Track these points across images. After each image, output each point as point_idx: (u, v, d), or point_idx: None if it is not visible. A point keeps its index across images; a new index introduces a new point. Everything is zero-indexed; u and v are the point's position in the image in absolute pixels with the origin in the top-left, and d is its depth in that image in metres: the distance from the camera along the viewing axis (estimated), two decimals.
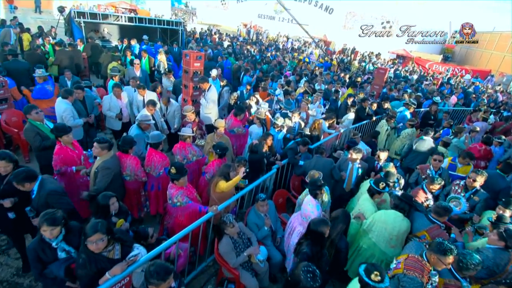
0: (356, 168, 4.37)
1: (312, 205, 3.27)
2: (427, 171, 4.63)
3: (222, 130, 4.52)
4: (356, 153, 4.24)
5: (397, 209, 3.35)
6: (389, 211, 3.35)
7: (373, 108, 7.50)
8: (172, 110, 5.63)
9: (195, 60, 5.20)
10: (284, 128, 5.32)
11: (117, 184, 3.53)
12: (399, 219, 3.23)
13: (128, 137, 3.73)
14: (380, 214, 3.33)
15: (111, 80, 6.36)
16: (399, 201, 3.37)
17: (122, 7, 24.04)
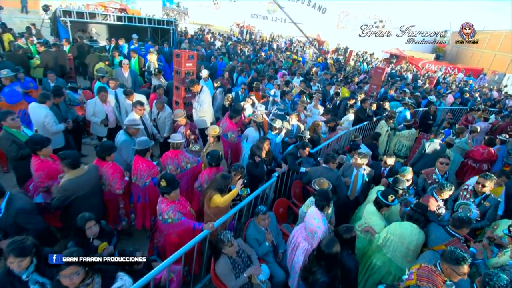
0: (361, 174, 4.10)
1: (317, 219, 2.97)
2: (433, 176, 4.37)
3: (211, 140, 4.19)
4: (362, 158, 3.95)
5: (411, 220, 3.08)
6: (404, 224, 3.08)
7: (373, 108, 7.25)
8: (163, 116, 5.27)
9: (186, 60, 4.86)
10: (283, 131, 5.02)
11: (93, 201, 3.15)
12: (416, 232, 2.96)
13: (107, 143, 3.38)
14: (395, 227, 3.05)
15: (97, 82, 5.95)
16: (413, 212, 3.10)
17: (112, 7, 23.49)
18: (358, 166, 4.04)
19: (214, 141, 4.20)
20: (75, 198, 3.00)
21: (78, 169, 3.05)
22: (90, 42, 11.65)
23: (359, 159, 3.96)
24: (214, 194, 3.15)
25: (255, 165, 3.89)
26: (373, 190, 4.00)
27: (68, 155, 3.02)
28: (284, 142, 5.18)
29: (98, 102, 4.89)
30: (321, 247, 2.43)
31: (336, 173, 3.85)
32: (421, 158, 5.93)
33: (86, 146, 6.02)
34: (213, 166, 3.68)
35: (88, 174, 3.13)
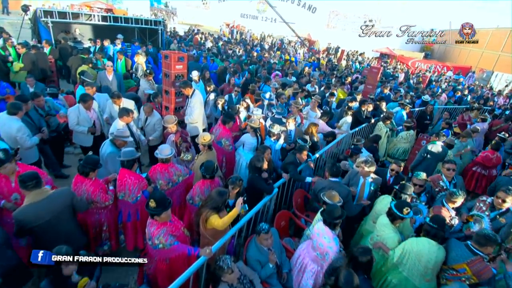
0: (368, 183, 3.83)
1: (328, 238, 2.67)
2: (440, 183, 4.13)
3: (202, 149, 3.85)
4: (369, 166, 3.67)
5: (429, 236, 2.82)
6: (421, 240, 2.81)
7: (370, 109, 7.03)
8: (152, 122, 4.89)
9: (176, 61, 4.50)
10: (282, 137, 4.71)
11: (64, 229, 2.70)
12: (434, 249, 2.69)
13: (92, 158, 3.00)
14: (411, 244, 2.78)
15: (80, 87, 5.51)
16: (431, 227, 2.84)
17: (98, 7, 22.78)
18: (365, 175, 3.76)
19: (205, 150, 3.86)
20: (39, 227, 2.56)
21: (38, 191, 2.58)
22: (74, 43, 11.13)
23: (366, 167, 3.68)
24: (210, 214, 2.82)
25: (262, 180, 3.55)
26: (381, 199, 3.73)
27: (26, 177, 2.54)
28: (283, 148, 4.88)
29: (82, 110, 4.46)
30: (339, 285, 2.10)
31: (346, 189, 3.53)
32: (422, 161, 5.73)
33: (69, 156, 5.59)
34: (207, 178, 3.34)
35: (49, 200, 2.63)
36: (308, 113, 6.41)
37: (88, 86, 5.05)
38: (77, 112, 4.44)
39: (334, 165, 3.61)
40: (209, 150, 3.88)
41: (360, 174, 3.83)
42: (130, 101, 5.04)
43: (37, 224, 2.53)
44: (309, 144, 4.41)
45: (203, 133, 3.84)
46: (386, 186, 4.30)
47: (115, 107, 4.88)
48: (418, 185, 3.80)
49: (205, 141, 3.80)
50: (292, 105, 5.61)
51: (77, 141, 4.67)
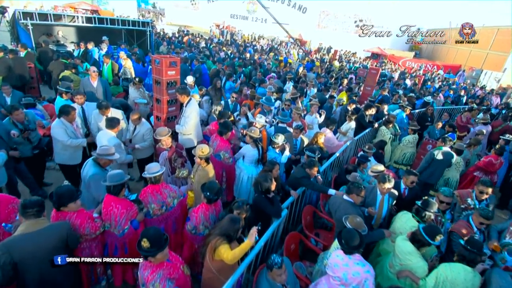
0: (387, 199, 3.47)
1: (361, 262, 2.35)
2: (468, 201, 3.78)
3: (199, 162, 3.43)
4: (390, 181, 3.31)
5: (464, 261, 2.49)
6: (455, 266, 2.49)
7: (372, 113, 6.72)
8: (141, 132, 4.43)
9: (168, 67, 4.05)
10: (287, 148, 4.32)
11: (54, 269, 2.27)
12: (470, 276, 2.38)
13: (65, 190, 2.51)
14: (445, 271, 2.45)
15: (58, 98, 4.97)
16: (466, 251, 2.50)
17: (83, 8, 21.96)
18: (385, 192, 3.39)
19: (203, 164, 3.43)
20: (24, 263, 2.17)
21: (34, 221, 2.26)
22: (56, 46, 10.49)
23: (387, 184, 3.30)
24: (220, 243, 2.39)
25: (268, 201, 3.12)
26: (400, 216, 3.36)
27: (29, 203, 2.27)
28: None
29: (67, 124, 3.97)
30: None
31: (359, 211, 3.13)
32: (428, 167, 5.44)
33: (50, 172, 5.05)
34: (211, 201, 2.92)
35: (44, 232, 2.26)
36: (313, 121, 6.02)
37: (79, 96, 4.55)
38: (63, 126, 3.92)
39: (352, 183, 3.20)
40: (207, 163, 3.45)
41: (378, 191, 3.46)
42: (117, 111, 4.56)
43: (24, 261, 2.17)
44: (318, 156, 4.03)
45: (201, 145, 3.41)
46: (401, 198, 3.96)
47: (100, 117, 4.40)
48: (445, 202, 3.44)
49: (203, 153, 3.37)
50: (293, 111, 5.22)
51: (61, 160, 4.11)
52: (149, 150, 4.75)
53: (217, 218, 3.00)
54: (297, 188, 3.75)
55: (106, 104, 4.29)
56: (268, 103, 5.43)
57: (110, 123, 3.74)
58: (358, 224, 2.74)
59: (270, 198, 3.11)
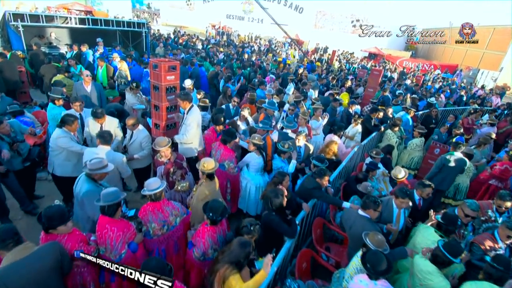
0: (403, 212, 3.24)
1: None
2: (489, 212, 3.56)
3: (201, 177, 3.16)
4: (409, 197, 3.09)
5: (491, 280, 2.28)
6: (482, 285, 2.28)
7: (379, 116, 6.50)
8: (138, 139, 4.15)
9: (167, 72, 3.78)
10: (294, 156, 4.07)
11: None
12: None
13: (54, 211, 2.23)
14: None
15: (51, 104, 4.68)
16: (493, 269, 2.29)
17: (76, 9, 21.55)
18: (403, 206, 3.16)
19: (205, 179, 3.17)
20: None
21: (19, 248, 2.02)
22: (49, 49, 10.14)
23: (407, 199, 3.08)
24: (230, 273, 2.12)
25: (281, 220, 2.84)
26: (421, 230, 3.12)
27: (4, 233, 2.06)
28: None
29: (70, 133, 3.68)
30: None
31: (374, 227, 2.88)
32: (438, 173, 5.24)
33: (42, 184, 4.74)
34: (216, 223, 2.66)
35: (33, 259, 2.01)
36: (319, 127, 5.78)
37: (77, 102, 4.29)
38: (68, 134, 3.65)
39: (368, 197, 2.96)
40: (209, 180, 3.17)
41: (394, 204, 3.23)
42: (113, 120, 4.28)
43: None
44: (325, 165, 3.79)
45: (205, 159, 3.14)
46: (416, 210, 3.73)
47: (96, 126, 4.12)
48: (470, 216, 3.22)
49: (207, 169, 3.09)
50: (300, 116, 4.97)
51: (64, 172, 3.79)
52: (147, 160, 4.46)
53: (224, 239, 2.75)
54: (308, 199, 3.51)
55: (102, 112, 4.01)
56: (271, 107, 5.18)
57: (103, 138, 3.43)
58: (379, 243, 2.51)
59: (283, 216, 2.85)
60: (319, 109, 5.71)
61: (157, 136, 4.13)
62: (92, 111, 4.00)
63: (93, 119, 4.07)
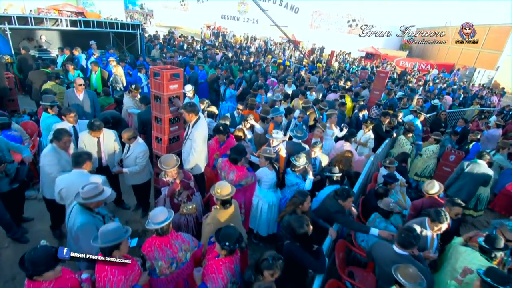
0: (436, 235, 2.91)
1: None
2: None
3: (219, 208, 2.77)
4: (447, 221, 2.75)
5: None
6: None
7: (394, 123, 6.18)
8: (135, 152, 3.76)
9: (169, 80, 3.39)
10: (310, 172, 3.71)
11: None
12: None
13: (37, 256, 1.85)
14: None
15: (44, 114, 4.27)
16: None
17: (67, 10, 20.96)
18: (439, 232, 2.82)
19: (220, 207, 2.78)
20: None
21: None
22: (39, 52, 9.65)
23: (445, 224, 2.74)
24: None
25: (306, 252, 2.46)
26: (463, 254, 2.76)
27: None
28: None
29: (61, 151, 3.28)
30: None
31: (425, 270, 2.49)
32: (457, 179, 4.95)
33: (30, 204, 4.29)
34: (232, 252, 2.29)
35: None
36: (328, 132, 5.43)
37: (71, 114, 3.89)
38: (57, 155, 3.23)
39: (406, 231, 2.53)
40: (223, 208, 2.76)
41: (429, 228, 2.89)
42: (110, 133, 3.88)
43: None
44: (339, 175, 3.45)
45: (220, 184, 2.74)
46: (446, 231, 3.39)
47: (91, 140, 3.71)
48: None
49: (221, 195, 2.68)
50: (318, 127, 4.61)
51: (50, 194, 3.34)
52: (145, 175, 4.07)
53: (240, 273, 2.39)
54: (329, 221, 3.15)
55: (99, 125, 3.61)
56: (277, 113, 4.80)
57: (76, 160, 2.95)
58: (413, 277, 2.15)
59: (308, 247, 2.49)
60: (334, 115, 5.35)
61: (159, 151, 3.76)
62: (89, 123, 3.59)
63: (88, 133, 3.66)
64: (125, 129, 3.81)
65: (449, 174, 6.09)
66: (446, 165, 6.08)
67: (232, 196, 2.72)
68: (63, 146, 3.28)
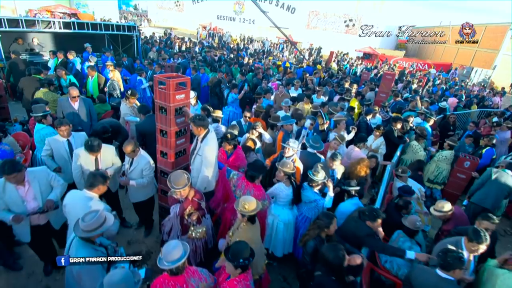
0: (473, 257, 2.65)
1: None
2: None
3: (241, 220, 2.53)
4: (486, 241, 2.50)
5: None
6: None
7: (407, 128, 5.94)
8: (139, 166, 3.46)
9: (176, 90, 3.08)
10: (330, 187, 3.42)
11: None
12: None
13: None
14: None
15: (38, 125, 3.93)
16: None
17: (60, 12, 20.44)
18: (476, 254, 2.56)
19: (246, 223, 2.53)
20: None
21: None
22: (30, 56, 9.24)
23: (484, 244, 2.48)
24: None
25: (342, 285, 2.18)
26: (500, 277, 2.52)
27: None
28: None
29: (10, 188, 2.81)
30: None
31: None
32: (480, 187, 4.72)
33: None
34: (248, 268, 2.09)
35: None
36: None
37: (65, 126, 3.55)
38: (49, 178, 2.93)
39: (448, 253, 2.30)
40: (250, 224, 2.55)
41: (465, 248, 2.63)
42: (109, 148, 3.55)
43: None
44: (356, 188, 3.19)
45: (246, 199, 2.50)
46: None
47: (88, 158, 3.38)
48: None
49: (248, 210, 2.45)
50: (336, 138, 4.33)
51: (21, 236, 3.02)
52: (151, 189, 3.78)
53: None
54: (357, 245, 2.87)
55: (99, 145, 3.29)
56: (288, 121, 4.51)
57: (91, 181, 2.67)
58: None
59: (342, 280, 2.20)
60: (342, 120, 5.08)
61: (165, 167, 3.44)
62: (86, 143, 3.26)
63: (86, 152, 3.33)
64: (126, 142, 3.49)
65: (463, 181, 5.90)
66: (460, 172, 5.84)
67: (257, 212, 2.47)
68: (13, 181, 2.68)
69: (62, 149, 3.63)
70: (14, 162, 2.69)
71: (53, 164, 3.65)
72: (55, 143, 3.62)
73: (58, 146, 3.63)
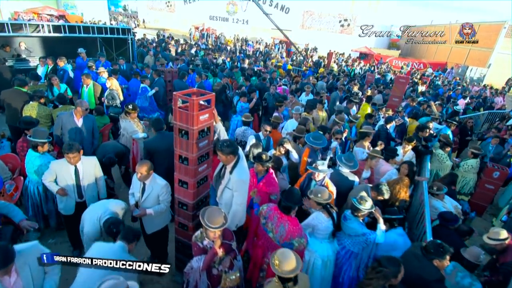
0: None
1: None
2: None
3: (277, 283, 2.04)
4: None
5: None
6: None
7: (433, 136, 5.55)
8: (155, 191, 2.97)
9: (199, 110, 2.58)
10: (380, 220, 2.94)
11: None
12: None
13: None
14: None
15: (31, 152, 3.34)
16: None
17: (48, 14, 19.55)
18: None
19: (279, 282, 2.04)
20: None
21: None
22: (16, 63, 8.55)
23: None
24: None
25: None
26: None
27: None
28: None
29: None
30: None
31: None
32: None
33: None
34: None
35: None
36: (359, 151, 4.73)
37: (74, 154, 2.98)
38: None
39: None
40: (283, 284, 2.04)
41: None
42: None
43: None
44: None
45: (283, 252, 2.02)
46: None
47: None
48: None
49: (283, 271, 1.96)
50: (370, 154, 3.88)
51: None
52: (167, 216, 3.31)
53: None
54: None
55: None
56: (317, 142, 4.02)
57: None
58: None
59: None
60: (371, 134, 4.63)
61: (184, 197, 2.92)
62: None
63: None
64: (140, 162, 2.99)
65: (492, 192, 5.56)
66: (489, 183, 5.49)
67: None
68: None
69: (68, 176, 3.08)
70: (7, 250, 1.89)
71: (56, 187, 3.10)
72: (60, 168, 3.09)
73: (63, 172, 3.09)
